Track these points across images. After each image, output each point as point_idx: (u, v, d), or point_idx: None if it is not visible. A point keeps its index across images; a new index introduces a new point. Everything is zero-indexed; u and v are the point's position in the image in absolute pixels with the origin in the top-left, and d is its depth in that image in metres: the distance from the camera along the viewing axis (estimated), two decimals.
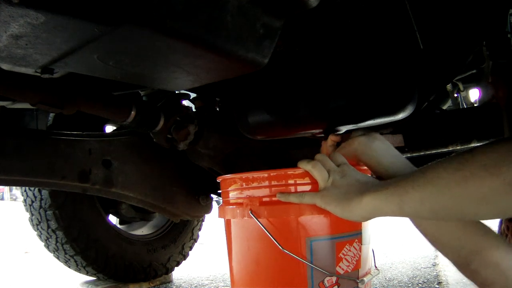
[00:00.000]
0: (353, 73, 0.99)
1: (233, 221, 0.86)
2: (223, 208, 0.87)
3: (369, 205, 0.66)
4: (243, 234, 0.83)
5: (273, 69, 0.92)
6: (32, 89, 0.90)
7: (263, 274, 0.80)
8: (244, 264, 0.83)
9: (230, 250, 0.88)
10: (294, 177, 0.78)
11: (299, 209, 0.75)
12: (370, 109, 0.98)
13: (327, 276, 0.75)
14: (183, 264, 2.09)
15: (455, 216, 0.60)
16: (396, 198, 0.62)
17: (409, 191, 0.61)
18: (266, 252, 0.79)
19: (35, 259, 3.03)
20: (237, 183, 0.84)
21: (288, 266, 0.77)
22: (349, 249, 0.79)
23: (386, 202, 0.64)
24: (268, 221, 0.77)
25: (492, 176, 0.53)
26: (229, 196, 0.87)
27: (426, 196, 0.59)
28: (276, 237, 0.75)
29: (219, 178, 0.90)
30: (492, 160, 0.54)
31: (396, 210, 0.63)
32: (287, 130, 1.12)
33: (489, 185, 0.53)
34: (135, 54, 0.59)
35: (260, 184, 0.80)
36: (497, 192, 0.53)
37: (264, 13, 0.60)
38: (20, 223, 3.22)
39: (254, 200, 0.79)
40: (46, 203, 1.58)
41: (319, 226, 0.77)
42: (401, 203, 0.62)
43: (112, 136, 1.35)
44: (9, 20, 0.45)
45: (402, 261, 2.29)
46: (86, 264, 1.67)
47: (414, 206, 0.61)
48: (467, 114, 1.26)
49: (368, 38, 0.98)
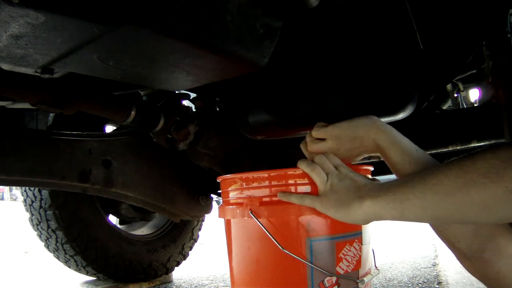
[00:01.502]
0: (353, 73, 0.99)
1: (233, 221, 0.86)
2: (223, 208, 0.88)
3: (369, 210, 0.66)
4: (243, 234, 0.83)
5: (273, 69, 0.92)
6: (32, 89, 0.90)
7: (263, 274, 0.80)
8: (244, 264, 0.83)
9: (230, 250, 0.88)
10: (294, 177, 0.78)
11: (299, 209, 0.75)
12: (370, 109, 0.98)
13: (327, 276, 0.75)
14: (183, 264, 2.09)
15: (456, 221, 0.61)
16: (397, 204, 0.62)
17: (410, 198, 0.61)
18: (266, 252, 0.79)
19: (35, 259, 3.03)
20: (237, 183, 0.84)
21: (288, 266, 0.77)
22: (349, 249, 0.79)
23: (387, 208, 0.64)
24: (268, 221, 0.77)
25: (494, 183, 0.53)
26: (229, 196, 0.87)
27: (428, 203, 0.60)
28: (276, 237, 0.75)
29: (219, 178, 0.90)
30: (493, 167, 0.54)
31: (397, 215, 0.63)
32: (287, 130, 1.12)
33: (491, 193, 0.54)
34: (135, 54, 0.59)
35: (260, 184, 0.80)
36: (499, 199, 0.53)
37: (264, 13, 0.60)
38: (20, 223, 3.22)
39: (254, 200, 0.79)
40: (46, 203, 1.57)
41: (319, 226, 0.77)
42: (402, 209, 0.62)
43: (112, 136, 1.35)
44: (9, 20, 0.45)
45: (402, 261, 2.29)
46: (86, 264, 1.67)
47: (416, 212, 0.61)
48: (467, 114, 1.26)
49: (368, 38, 0.98)
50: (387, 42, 0.98)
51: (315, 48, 1.02)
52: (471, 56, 1.10)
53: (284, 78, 1.07)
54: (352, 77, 0.99)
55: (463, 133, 1.22)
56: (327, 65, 1.02)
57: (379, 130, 0.77)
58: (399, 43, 0.99)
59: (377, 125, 0.78)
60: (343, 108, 1.00)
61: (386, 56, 0.97)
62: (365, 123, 0.79)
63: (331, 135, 0.82)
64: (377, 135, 0.77)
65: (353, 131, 0.80)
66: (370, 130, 0.78)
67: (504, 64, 1.12)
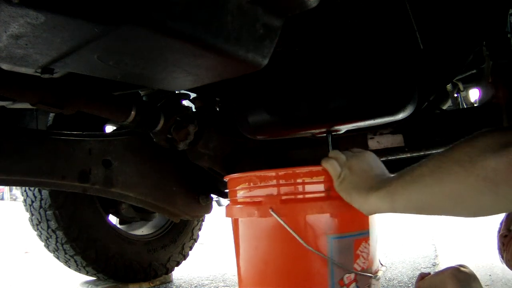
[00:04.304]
0: (353, 73, 0.99)
1: (243, 220, 0.85)
2: (230, 208, 0.87)
3: (372, 203, 0.67)
4: (252, 233, 0.83)
5: (273, 69, 0.92)
6: (32, 89, 0.90)
7: (274, 273, 0.79)
8: (260, 263, 0.82)
9: (237, 249, 0.87)
10: (319, 174, 0.78)
11: (319, 207, 0.76)
12: (370, 109, 0.98)
13: (347, 273, 0.76)
14: (183, 264, 2.09)
15: (438, 213, 0.60)
16: (389, 197, 0.64)
17: (398, 190, 0.62)
18: (283, 252, 0.78)
19: (35, 259, 3.03)
20: (253, 181, 0.82)
21: (306, 265, 0.76)
22: (365, 246, 0.80)
23: (382, 201, 0.65)
24: (287, 219, 0.76)
25: (467, 172, 0.52)
26: (238, 195, 0.85)
27: (411, 195, 0.60)
28: (294, 236, 0.75)
29: (227, 177, 0.89)
30: (467, 155, 0.53)
31: (389, 208, 0.64)
32: (287, 130, 1.12)
33: (464, 182, 0.52)
34: (135, 54, 0.59)
35: (283, 181, 0.79)
36: (472, 189, 0.52)
37: (264, 13, 0.60)
38: (20, 223, 3.22)
39: (274, 198, 0.79)
40: (46, 203, 1.57)
41: (338, 224, 0.77)
42: (392, 201, 0.63)
43: (112, 136, 1.35)
44: (9, 20, 0.45)
45: (402, 261, 2.29)
46: (86, 264, 1.67)
47: (403, 204, 0.62)
48: (467, 114, 1.26)
49: (368, 38, 0.98)
50: (387, 42, 0.98)
51: (315, 48, 1.02)
52: (471, 56, 1.10)
53: (284, 78, 1.07)
54: (352, 77, 0.99)
55: (463, 133, 1.21)
56: (327, 65, 1.02)
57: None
58: (399, 43, 0.99)
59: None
60: (343, 108, 1.00)
61: (386, 56, 0.97)
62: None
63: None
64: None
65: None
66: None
67: (504, 64, 1.12)
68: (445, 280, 0.76)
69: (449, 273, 0.76)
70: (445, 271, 0.77)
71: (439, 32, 1.05)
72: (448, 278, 0.75)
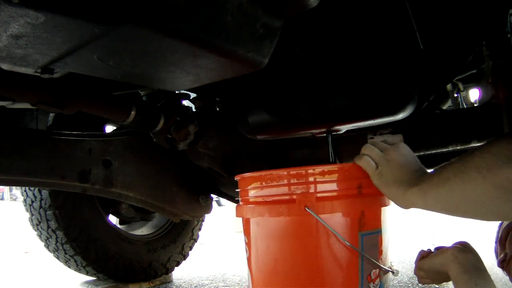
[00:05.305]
0: (353, 73, 0.99)
1: (255, 220, 0.83)
2: (241, 207, 0.86)
3: (409, 198, 0.68)
4: (269, 232, 0.81)
5: (273, 69, 0.92)
6: (32, 89, 0.90)
7: (300, 272, 0.78)
8: (282, 262, 0.81)
9: (250, 249, 0.86)
10: (352, 171, 0.78)
11: (353, 204, 0.77)
12: (370, 109, 0.98)
13: (373, 269, 0.78)
14: (183, 264, 2.09)
15: (463, 216, 0.63)
16: (422, 195, 0.66)
17: (428, 190, 0.64)
18: (311, 250, 0.77)
19: (35, 259, 3.03)
20: (283, 179, 0.81)
21: (335, 263, 0.76)
22: (384, 242, 0.82)
23: (417, 197, 0.67)
24: (321, 217, 0.76)
25: (484, 179, 0.54)
26: (263, 193, 0.83)
27: (438, 197, 0.63)
28: (326, 232, 0.75)
29: (237, 176, 0.88)
30: (485, 162, 0.55)
31: (423, 205, 0.67)
32: (287, 130, 1.12)
33: (482, 188, 0.55)
34: (135, 54, 0.59)
35: (320, 178, 0.78)
36: (489, 195, 0.54)
37: (264, 13, 0.60)
38: (20, 223, 3.22)
39: (309, 196, 0.77)
40: (46, 203, 1.57)
41: (368, 221, 0.78)
42: (425, 199, 0.65)
43: (112, 136, 1.35)
44: (9, 20, 0.45)
45: (402, 261, 2.29)
46: (86, 264, 1.67)
47: (432, 203, 0.64)
48: (467, 114, 1.26)
49: (368, 38, 0.98)
50: (387, 42, 0.98)
51: (315, 48, 1.02)
52: (471, 56, 1.10)
53: (284, 78, 1.07)
54: (352, 77, 0.99)
55: (463, 133, 1.22)
56: (327, 65, 1.02)
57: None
58: (399, 43, 0.99)
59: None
60: (343, 108, 1.00)
61: (386, 56, 0.97)
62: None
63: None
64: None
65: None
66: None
67: (504, 64, 1.12)
68: (446, 263, 0.75)
69: (450, 254, 0.75)
70: (446, 251, 0.77)
71: (439, 32, 1.05)
72: (449, 261, 0.75)
